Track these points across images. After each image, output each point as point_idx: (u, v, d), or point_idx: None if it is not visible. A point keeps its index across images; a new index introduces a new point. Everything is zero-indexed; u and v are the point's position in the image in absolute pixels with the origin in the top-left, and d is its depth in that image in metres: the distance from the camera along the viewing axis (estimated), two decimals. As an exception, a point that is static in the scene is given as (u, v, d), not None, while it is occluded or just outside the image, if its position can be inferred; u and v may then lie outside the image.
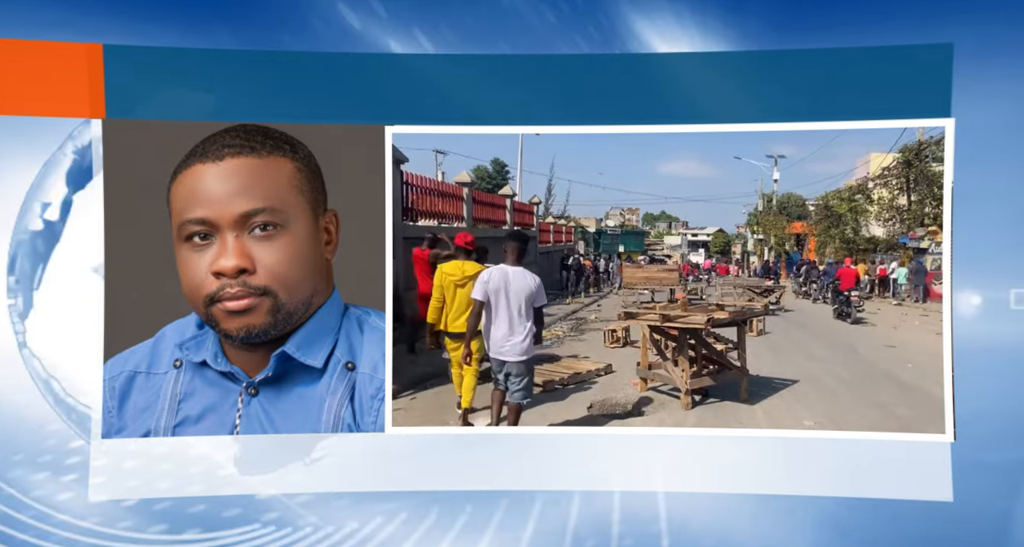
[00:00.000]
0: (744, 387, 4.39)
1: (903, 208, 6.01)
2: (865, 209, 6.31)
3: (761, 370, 4.60)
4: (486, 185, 6.31)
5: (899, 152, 5.54)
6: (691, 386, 4.23)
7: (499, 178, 6.41)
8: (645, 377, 4.56)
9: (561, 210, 6.47)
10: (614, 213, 7.24)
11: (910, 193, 5.89)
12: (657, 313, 4.52)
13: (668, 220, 7.74)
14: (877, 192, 6.13)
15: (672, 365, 4.42)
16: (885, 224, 6.23)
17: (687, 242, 7.67)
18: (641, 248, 7.37)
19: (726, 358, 4.57)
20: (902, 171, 5.80)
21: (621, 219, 7.31)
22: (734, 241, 7.61)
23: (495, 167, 6.40)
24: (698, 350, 4.44)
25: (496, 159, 6.33)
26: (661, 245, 7.67)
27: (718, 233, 7.71)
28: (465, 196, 5.93)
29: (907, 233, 5.93)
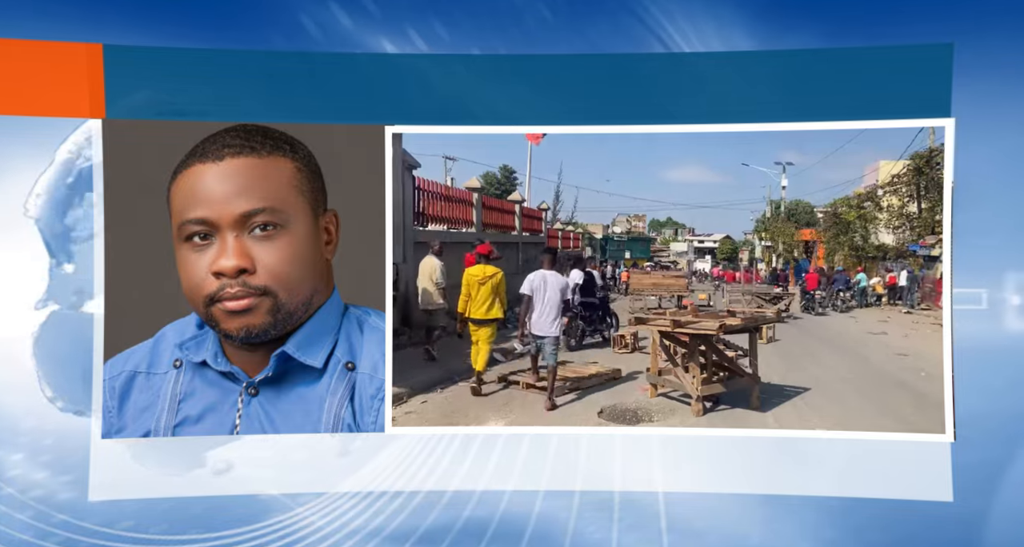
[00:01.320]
0: (755, 394, 4.38)
1: (913, 216, 6.01)
2: (874, 216, 6.32)
3: (772, 377, 4.59)
4: (495, 190, 6.33)
5: (909, 159, 5.55)
6: (702, 392, 4.22)
7: (508, 184, 6.43)
8: (655, 383, 4.55)
9: (569, 216, 6.47)
10: (621, 219, 7.24)
11: (920, 200, 5.89)
12: (668, 318, 4.51)
13: (675, 226, 7.74)
14: (887, 199, 6.12)
15: (683, 371, 4.41)
16: (895, 232, 6.23)
17: (693, 249, 7.67)
18: (648, 254, 7.36)
19: (737, 365, 4.56)
20: (912, 178, 5.80)
21: (628, 225, 7.31)
22: (741, 248, 7.61)
23: (503, 173, 6.41)
24: (709, 356, 4.43)
25: (504, 165, 6.35)
26: (668, 251, 7.67)
27: (725, 240, 7.71)
28: (475, 201, 5.96)
29: (917, 241, 5.94)
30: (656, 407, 4.38)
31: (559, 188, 6.13)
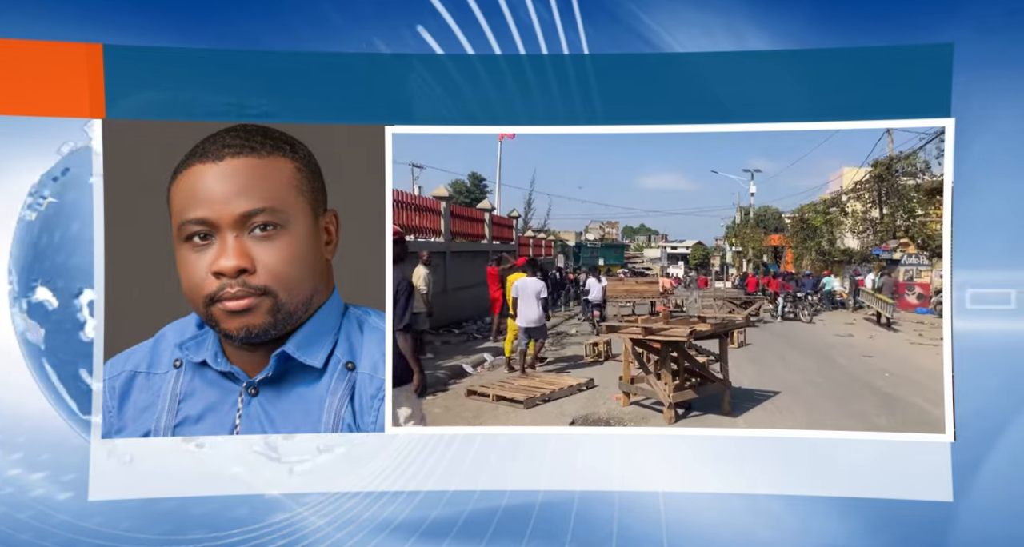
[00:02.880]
0: (727, 400, 4.39)
1: (876, 220, 6.14)
2: (840, 221, 6.45)
3: (743, 382, 4.63)
4: (464, 199, 6.33)
5: (871, 166, 5.69)
6: (674, 399, 4.21)
7: (477, 192, 6.43)
8: (628, 391, 4.54)
9: (541, 224, 6.49)
10: (594, 226, 7.26)
11: (882, 206, 6.03)
12: (640, 326, 4.50)
13: (648, 233, 7.80)
14: (851, 205, 6.28)
15: (655, 378, 4.40)
16: (859, 236, 6.37)
17: (667, 255, 7.73)
18: (621, 261, 7.40)
19: (708, 371, 4.55)
20: (874, 184, 5.94)
21: (601, 232, 7.33)
22: (713, 253, 7.69)
23: (472, 181, 6.41)
24: (680, 363, 4.42)
25: (474, 173, 6.35)
26: (641, 258, 7.72)
27: (697, 246, 7.78)
28: (443, 210, 5.93)
29: (880, 245, 6.05)
30: (629, 416, 4.38)
31: (531, 195, 6.15)
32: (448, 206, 5.99)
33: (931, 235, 5.50)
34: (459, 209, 6.17)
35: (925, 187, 5.54)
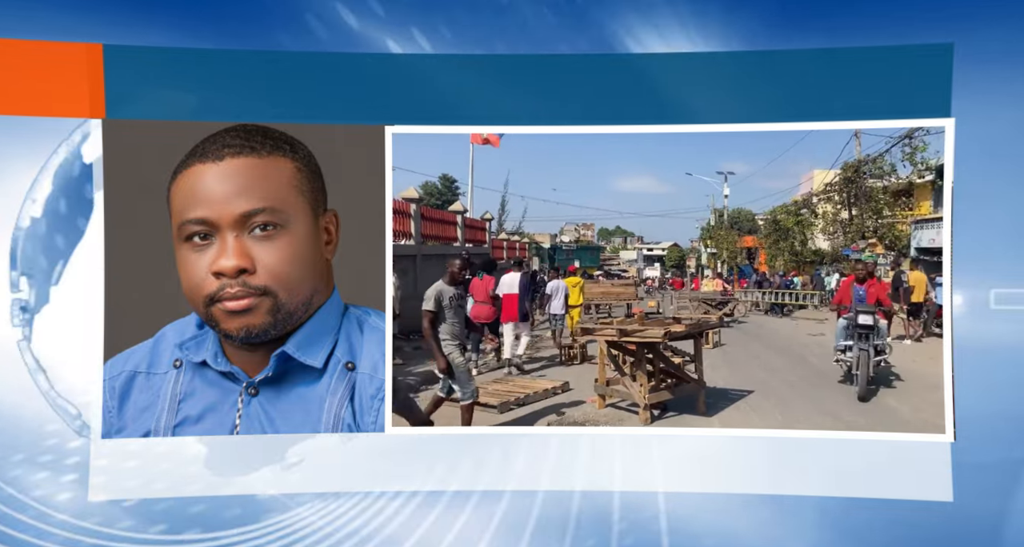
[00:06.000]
0: (702, 399, 4.41)
1: (845, 222, 6.21)
2: (811, 223, 6.53)
3: (717, 382, 4.64)
4: (435, 201, 6.31)
5: (840, 169, 5.76)
6: (649, 400, 4.21)
7: (448, 194, 6.41)
8: (603, 394, 4.53)
9: (516, 226, 6.50)
10: (569, 228, 7.27)
11: (851, 208, 6.11)
12: (615, 328, 4.50)
13: (624, 235, 7.82)
14: (821, 207, 6.41)
15: (630, 380, 4.40)
16: (830, 237, 6.48)
17: (642, 256, 7.76)
18: (597, 263, 7.40)
19: (683, 371, 4.56)
20: (843, 186, 6.04)
21: (576, 234, 7.33)
22: (688, 255, 7.73)
23: (443, 183, 6.40)
24: (656, 364, 4.43)
25: (445, 175, 6.34)
26: (617, 260, 7.73)
27: (672, 247, 7.81)
28: (413, 212, 5.90)
29: (849, 245, 6.08)
30: (605, 418, 4.38)
31: (505, 197, 6.15)
32: (419, 208, 5.95)
33: (898, 236, 5.58)
34: (430, 211, 6.14)
35: (892, 189, 5.62)
